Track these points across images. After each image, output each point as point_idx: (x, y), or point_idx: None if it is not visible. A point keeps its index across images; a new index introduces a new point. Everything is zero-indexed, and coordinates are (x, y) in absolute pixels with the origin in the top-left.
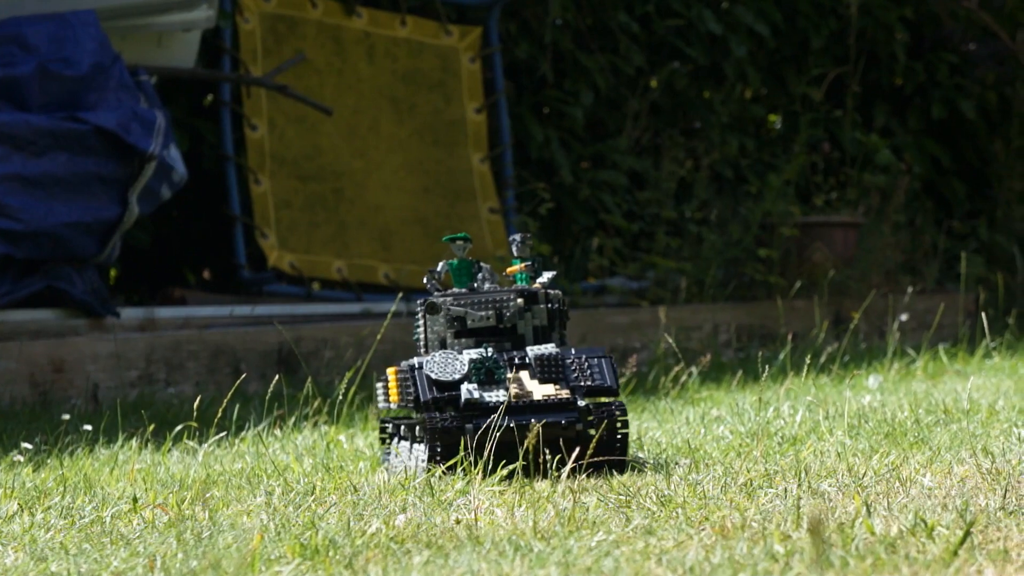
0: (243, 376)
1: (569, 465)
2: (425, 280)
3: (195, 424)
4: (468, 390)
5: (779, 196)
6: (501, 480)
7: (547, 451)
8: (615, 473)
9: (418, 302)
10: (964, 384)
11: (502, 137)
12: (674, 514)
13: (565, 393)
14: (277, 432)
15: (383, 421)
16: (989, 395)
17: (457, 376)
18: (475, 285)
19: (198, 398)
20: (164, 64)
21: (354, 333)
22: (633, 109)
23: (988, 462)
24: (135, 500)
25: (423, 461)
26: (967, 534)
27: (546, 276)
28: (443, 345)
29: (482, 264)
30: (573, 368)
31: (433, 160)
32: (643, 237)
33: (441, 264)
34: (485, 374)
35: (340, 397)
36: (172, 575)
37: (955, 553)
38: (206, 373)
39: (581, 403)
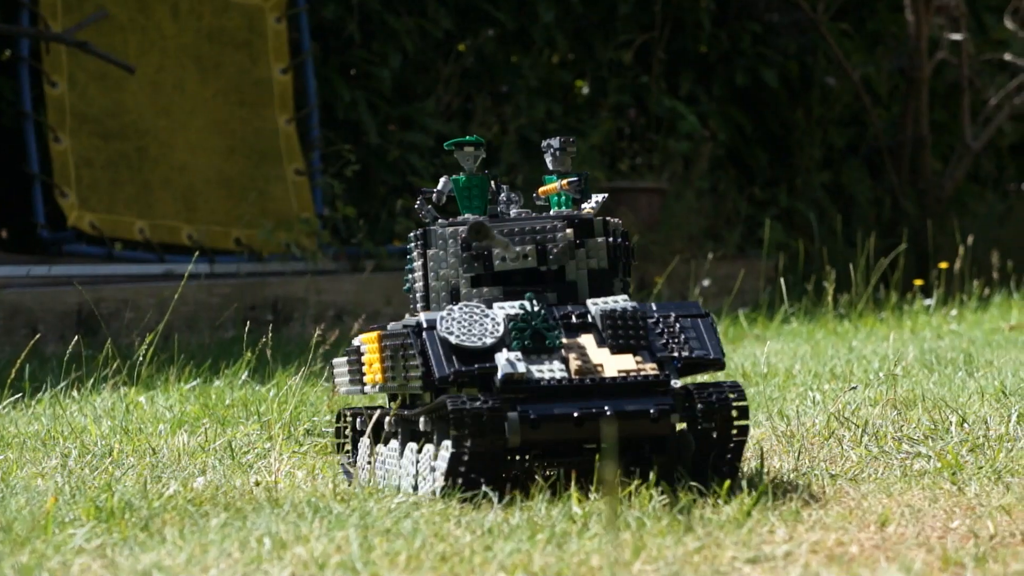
0: (37, 336)
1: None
2: (417, 205)
3: None
4: (509, 361)
5: (585, 161)
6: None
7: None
8: (716, 482)
9: (411, 235)
10: (762, 348)
11: (308, 98)
12: None
13: (651, 368)
14: (75, 394)
15: (345, 413)
16: (786, 359)
17: (489, 341)
18: (499, 210)
19: None
20: None
21: (156, 294)
22: (441, 72)
23: (784, 425)
24: None
25: (434, 469)
26: (760, 495)
27: (596, 199)
28: (454, 297)
29: (502, 183)
30: (659, 331)
31: (239, 120)
32: (451, 200)
33: (443, 181)
34: (531, 338)
35: (140, 359)
36: None
37: (748, 514)
38: (2, 334)
39: (676, 383)
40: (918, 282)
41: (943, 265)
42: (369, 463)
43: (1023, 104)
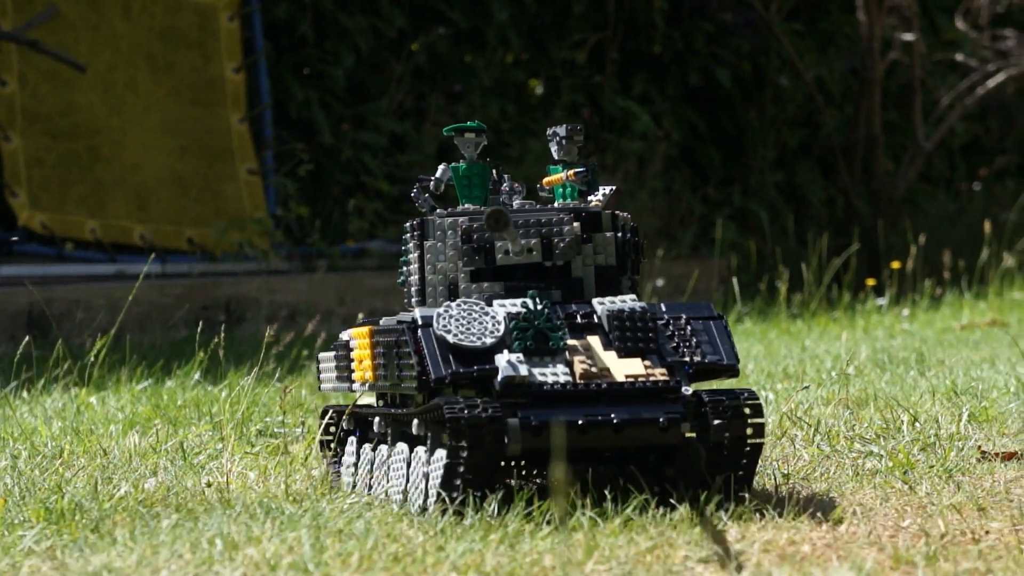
0: None
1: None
2: (414, 194)
3: None
4: (510, 363)
5: (539, 160)
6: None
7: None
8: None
9: (407, 225)
10: None
11: (261, 97)
12: None
13: (661, 373)
14: (25, 395)
15: (330, 412)
16: (740, 359)
17: (489, 340)
18: (503, 201)
19: None
20: None
21: (108, 294)
22: (395, 71)
23: None
24: None
25: (427, 477)
26: (713, 494)
27: (604, 191)
28: (452, 292)
29: (504, 174)
30: (669, 333)
31: (191, 119)
32: (404, 200)
33: (441, 168)
34: (534, 338)
35: (92, 359)
36: None
37: (701, 514)
38: None
39: (687, 390)
40: (870, 282)
41: (895, 265)
42: (355, 465)
43: (975, 104)
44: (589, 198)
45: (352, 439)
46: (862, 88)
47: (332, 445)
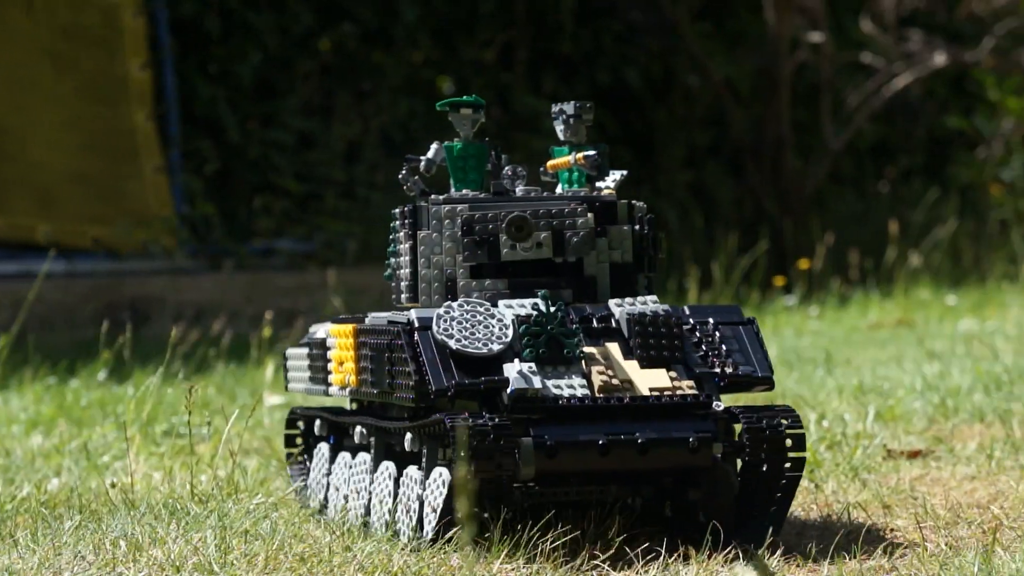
0: None
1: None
2: (402, 176)
3: None
4: (521, 374)
5: None
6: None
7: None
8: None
9: (397, 212)
10: None
11: (167, 95)
12: None
13: (689, 386)
14: None
15: (299, 413)
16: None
17: (496, 347)
18: (504, 186)
19: None
20: None
21: (11, 293)
22: (303, 69)
23: None
24: None
25: (423, 501)
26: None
27: (615, 176)
28: (450, 289)
29: (502, 153)
30: (696, 340)
31: (96, 117)
32: (312, 198)
33: (434, 148)
34: (547, 345)
35: None
36: None
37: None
38: None
39: (718, 405)
40: (779, 280)
41: (803, 264)
42: (327, 475)
43: (881, 105)
44: (599, 184)
45: (323, 448)
46: (770, 88)
47: (299, 454)
